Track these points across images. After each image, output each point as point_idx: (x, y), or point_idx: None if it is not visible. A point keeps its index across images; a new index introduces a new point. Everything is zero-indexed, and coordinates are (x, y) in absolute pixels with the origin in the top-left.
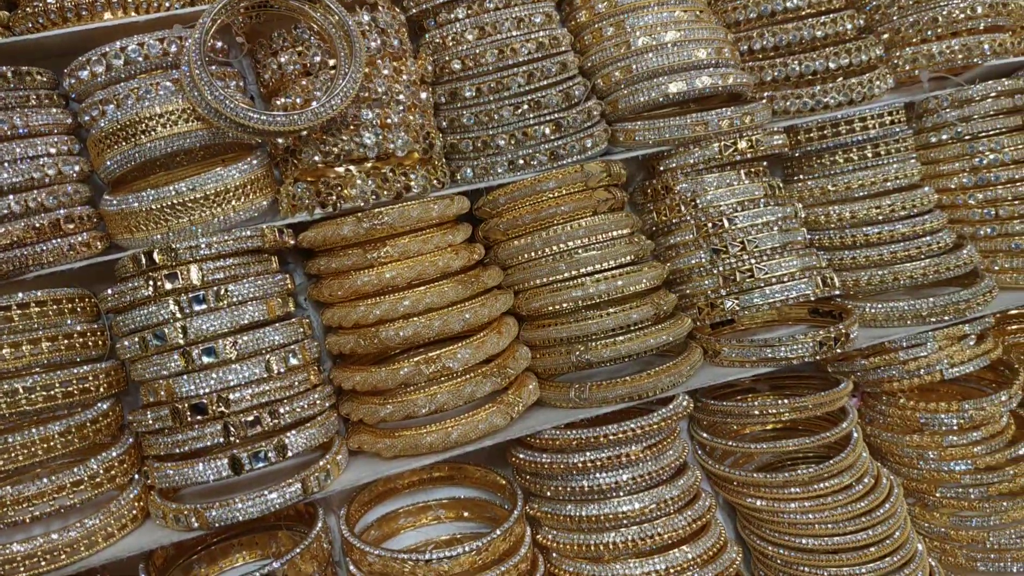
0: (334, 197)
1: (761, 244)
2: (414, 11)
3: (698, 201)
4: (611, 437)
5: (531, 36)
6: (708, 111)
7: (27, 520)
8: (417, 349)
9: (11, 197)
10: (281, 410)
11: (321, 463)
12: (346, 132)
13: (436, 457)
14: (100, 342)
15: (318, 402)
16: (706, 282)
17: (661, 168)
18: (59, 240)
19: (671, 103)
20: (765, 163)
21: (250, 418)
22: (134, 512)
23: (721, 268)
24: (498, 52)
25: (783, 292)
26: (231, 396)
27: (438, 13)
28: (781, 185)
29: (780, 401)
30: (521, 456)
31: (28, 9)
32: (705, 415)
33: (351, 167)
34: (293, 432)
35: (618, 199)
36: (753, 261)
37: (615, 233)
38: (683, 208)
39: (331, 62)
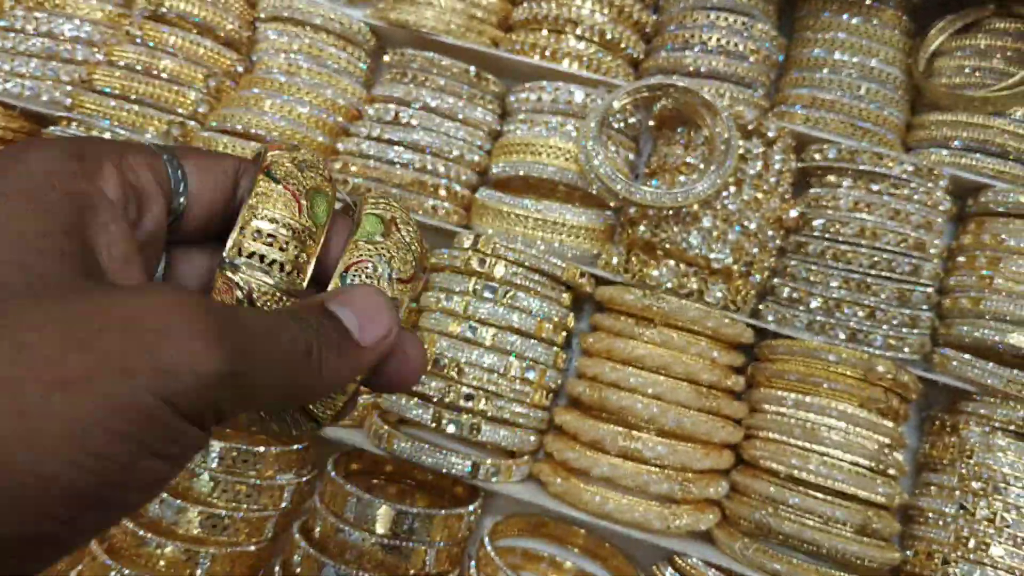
0: (637, 269)
1: (1017, 529)
2: (805, 164)
3: (977, 456)
4: None
5: (901, 232)
6: None
7: None
8: (628, 426)
9: (425, 155)
10: (497, 403)
11: (501, 462)
12: (680, 226)
13: (586, 516)
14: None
15: (527, 417)
16: (939, 533)
17: (959, 408)
18: (434, 200)
19: (1008, 352)
20: None
21: (468, 391)
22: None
23: (957, 527)
24: (860, 230)
25: None
26: (466, 368)
27: (824, 175)
28: None
29: None
30: (665, 572)
31: (517, 36)
32: None
33: (668, 256)
34: (493, 425)
35: (893, 409)
36: (993, 533)
37: (870, 435)
38: (957, 454)
39: (702, 167)
